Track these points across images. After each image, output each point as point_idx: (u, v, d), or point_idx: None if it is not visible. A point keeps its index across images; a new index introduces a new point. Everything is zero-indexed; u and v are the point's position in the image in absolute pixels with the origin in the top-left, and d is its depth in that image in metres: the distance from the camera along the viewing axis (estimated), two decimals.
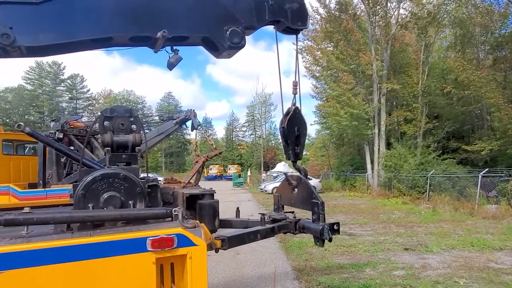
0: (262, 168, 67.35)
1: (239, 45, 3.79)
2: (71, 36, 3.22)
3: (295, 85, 4.04)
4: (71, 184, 7.13)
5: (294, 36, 4.23)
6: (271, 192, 31.69)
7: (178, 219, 2.65)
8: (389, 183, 26.04)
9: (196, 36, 3.77)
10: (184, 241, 2.39)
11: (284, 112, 4.02)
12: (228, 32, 3.70)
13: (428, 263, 8.41)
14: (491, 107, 26.11)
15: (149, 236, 2.28)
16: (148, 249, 2.26)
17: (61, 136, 9.78)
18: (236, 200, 25.32)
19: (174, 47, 4.00)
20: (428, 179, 21.78)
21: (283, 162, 62.68)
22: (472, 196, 18.09)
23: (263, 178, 47.19)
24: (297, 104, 4.02)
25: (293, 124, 3.93)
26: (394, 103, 33.82)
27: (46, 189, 9.06)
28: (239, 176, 54.51)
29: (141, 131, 3.54)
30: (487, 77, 24.21)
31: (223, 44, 3.75)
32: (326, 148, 50.51)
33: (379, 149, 29.55)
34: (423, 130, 29.01)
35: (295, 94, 4.03)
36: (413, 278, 7.26)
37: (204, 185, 4.26)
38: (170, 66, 4.12)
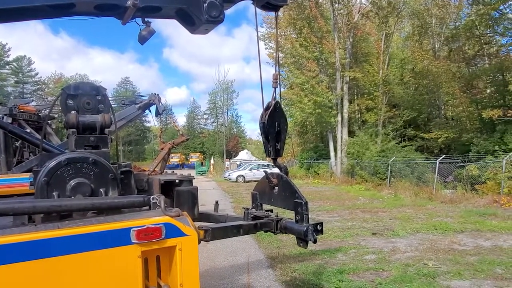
0: (225, 157, 66.98)
1: (218, 19, 3.45)
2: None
3: (275, 78, 3.77)
4: (22, 174, 6.46)
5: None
6: (235, 180, 31.52)
7: (161, 207, 2.34)
8: (352, 170, 26.65)
9: (170, 7, 3.42)
10: (173, 231, 2.08)
11: (264, 106, 3.76)
12: (205, 4, 3.36)
13: (396, 246, 8.57)
14: (446, 97, 27.27)
15: (133, 227, 1.95)
16: (133, 241, 1.94)
17: (9, 121, 9.02)
18: (201, 188, 24.64)
19: (146, 19, 3.63)
20: (389, 166, 22.46)
21: (246, 150, 62.81)
22: (430, 182, 18.86)
23: (226, 166, 46.88)
24: (277, 98, 3.77)
25: (274, 119, 3.69)
26: (355, 92, 34.47)
27: None
28: (202, 164, 53.87)
29: (110, 111, 3.15)
30: (443, 67, 25.21)
31: (200, 18, 3.41)
32: (289, 136, 50.99)
33: (341, 136, 30.11)
34: (383, 118, 29.84)
35: (275, 87, 3.77)
36: (384, 262, 7.35)
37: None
38: (142, 39, 3.72)
